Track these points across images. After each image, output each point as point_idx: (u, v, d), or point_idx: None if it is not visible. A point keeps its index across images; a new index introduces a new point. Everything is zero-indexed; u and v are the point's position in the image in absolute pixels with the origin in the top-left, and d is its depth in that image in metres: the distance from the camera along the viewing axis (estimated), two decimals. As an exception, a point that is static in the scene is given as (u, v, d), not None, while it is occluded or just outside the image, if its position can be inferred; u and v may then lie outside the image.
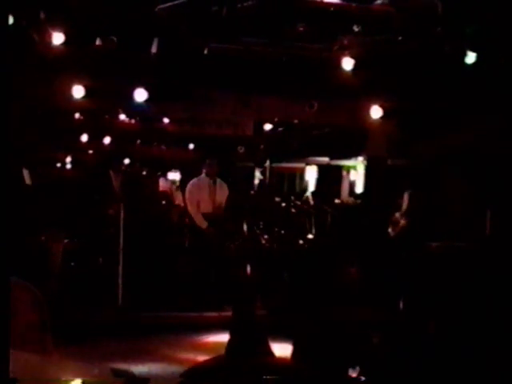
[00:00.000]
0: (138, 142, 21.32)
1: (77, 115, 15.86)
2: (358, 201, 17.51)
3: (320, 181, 22.19)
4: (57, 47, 10.58)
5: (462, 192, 13.65)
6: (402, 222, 11.86)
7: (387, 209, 12.31)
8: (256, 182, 22.88)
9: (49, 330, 2.75)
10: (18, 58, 9.65)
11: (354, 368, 3.66)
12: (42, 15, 10.35)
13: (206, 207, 12.11)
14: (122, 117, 16.85)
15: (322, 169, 22.22)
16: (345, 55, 11.51)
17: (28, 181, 12.10)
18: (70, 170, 20.56)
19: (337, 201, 18.27)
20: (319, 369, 3.64)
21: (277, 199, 17.53)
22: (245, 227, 13.11)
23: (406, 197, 12.10)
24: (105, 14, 10.67)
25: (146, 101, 12.03)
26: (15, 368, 2.39)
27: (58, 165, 19.97)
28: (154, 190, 17.98)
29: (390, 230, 12.05)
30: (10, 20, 9.52)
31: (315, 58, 11.76)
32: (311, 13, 10.63)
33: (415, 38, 11.18)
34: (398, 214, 12.00)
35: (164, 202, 15.89)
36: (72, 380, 2.46)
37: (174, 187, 18.02)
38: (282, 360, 4.20)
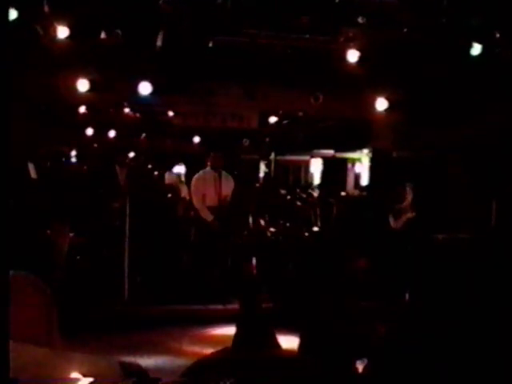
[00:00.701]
0: (143, 135, 21.36)
1: (82, 109, 15.89)
2: (364, 193, 17.50)
3: (325, 173, 22.21)
4: (61, 41, 10.58)
5: (467, 183, 13.63)
6: (409, 214, 11.85)
7: (391, 201, 12.30)
8: (261, 174, 22.91)
9: (55, 323, 2.75)
10: (23, 52, 9.66)
11: (361, 361, 3.65)
12: (47, 9, 10.35)
13: (212, 200, 12.10)
14: (127, 110, 16.89)
15: (327, 161, 22.22)
16: (350, 47, 11.49)
17: (33, 175, 12.11)
18: (75, 163, 20.60)
19: (342, 193, 18.27)
20: (326, 361, 3.64)
21: (282, 192, 17.53)
22: (250, 220, 13.12)
23: (408, 189, 12.09)
24: (109, 7, 10.67)
25: (151, 94, 12.03)
26: (21, 362, 2.40)
27: (63, 159, 20.00)
28: (160, 184, 18.00)
29: (392, 221, 12.03)
30: (15, 14, 9.53)
31: (320, 50, 11.75)
32: (316, 4, 10.62)
33: (420, 30, 11.16)
34: (401, 206, 11.98)
35: (169, 195, 15.90)
36: (79, 374, 2.46)
37: (180, 180, 18.04)
38: (288, 352, 4.20)
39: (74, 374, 2.44)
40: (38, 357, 2.48)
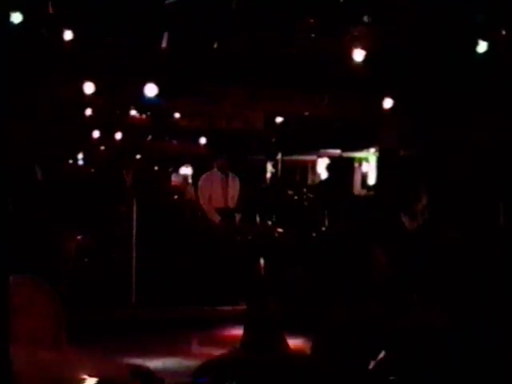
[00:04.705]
0: (150, 137, 21.37)
1: (88, 111, 15.91)
2: (371, 192, 17.48)
3: (332, 173, 22.14)
4: (67, 43, 10.60)
5: (473, 182, 13.59)
6: (424, 215, 11.75)
7: (408, 201, 12.17)
8: (268, 175, 22.89)
9: (63, 326, 2.75)
10: (29, 55, 9.67)
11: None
12: (52, 11, 10.36)
13: (219, 201, 12.08)
14: (133, 112, 16.90)
15: (334, 161, 22.18)
16: (355, 47, 11.47)
17: (40, 177, 12.14)
18: (82, 166, 20.64)
19: (349, 193, 18.23)
20: (340, 363, 3.62)
21: (289, 192, 17.52)
22: (257, 220, 13.11)
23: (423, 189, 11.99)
24: (114, 9, 10.67)
25: (157, 96, 12.03)
26: (29, 365, 2.39)
27: (70, 161, 20.05)
28: (166, 185, 18.00)
29: (407, 222, 11.88)
30: (20, 17, 9.54)
31: (325, 50, 11.73)
32: (321, 5, 10.61)
33: (426, 28, 11.14)
34: (417, 207, 11.87)
35: (176, 197, 15.90)
36: (88, 377, 2.46)
37: (186, 182, 18.03)
38: (297, 353, 4.19)
39: (82, 376, 2.44)
40: (46, 360, 2.48)
